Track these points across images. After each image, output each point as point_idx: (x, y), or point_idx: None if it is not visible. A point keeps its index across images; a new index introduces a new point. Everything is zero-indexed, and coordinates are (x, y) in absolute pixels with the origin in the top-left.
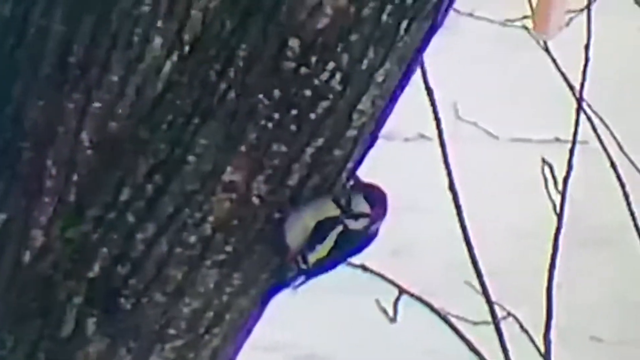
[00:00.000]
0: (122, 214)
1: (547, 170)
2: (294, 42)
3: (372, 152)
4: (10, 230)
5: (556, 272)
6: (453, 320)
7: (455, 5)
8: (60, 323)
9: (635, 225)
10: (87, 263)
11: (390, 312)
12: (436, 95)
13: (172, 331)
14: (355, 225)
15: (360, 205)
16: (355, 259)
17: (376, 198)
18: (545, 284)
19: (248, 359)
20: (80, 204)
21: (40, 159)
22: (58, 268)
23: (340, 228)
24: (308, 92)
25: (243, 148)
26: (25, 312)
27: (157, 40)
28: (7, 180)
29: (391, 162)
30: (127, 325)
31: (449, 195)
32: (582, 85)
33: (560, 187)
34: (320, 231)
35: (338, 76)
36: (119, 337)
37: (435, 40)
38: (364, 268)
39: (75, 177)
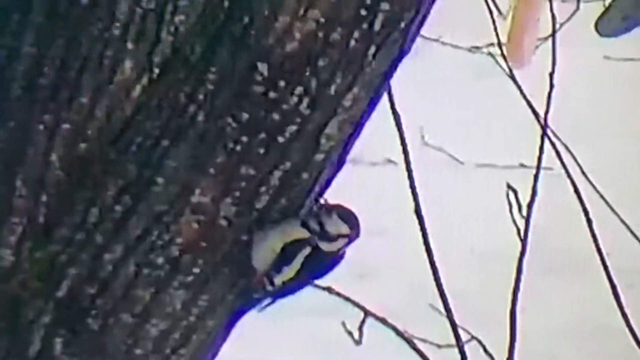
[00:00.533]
0: (91, 234)
1: (511, 195)
2: (262, 67)
3: (339, 176)
4: None
5: (520, 296)
6: (418, 343)
7: (422, 31)
8: (27, 343)
9: (599, 250)
10: (56, 283)
11: (356, 335)
12: (403, 120)
13: (139, 351)
14: (329, 247)
15: (338, 225)
16: (321, 282)
17: (350, 219)
18: (509, 308)
19: None
20: (49, 224)
21: (9, 179)
22: (26, 287)
23: (307, 250)
24: (276, 116)
25: (212, 170)
26: None
27: (127, 63)
28: None
29: (358, 186)
30: (95, 346)
31: (415, 219)
32: (546, 112)
33: (524, 212)
34: (287, 253)
35: (306, 101)
36: (86, 357)
37: (402, 65)
38: (329, 290)
39: (44, 198)
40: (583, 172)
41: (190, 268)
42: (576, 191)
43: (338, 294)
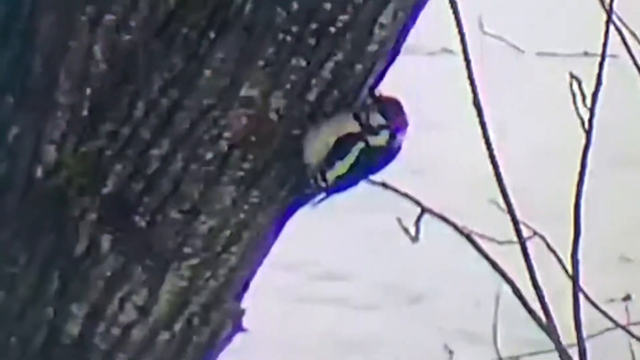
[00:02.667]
0: (137, 129)
1: (575, 85)
2: None
3: (394, 67)
4: (22, 145)
5: (584, 191)
6: (477, 239)
7: None
8: (74, 240)
9: None
10: (101, 179)
11: (412, 231)
12: (460, 7)
13: (188, 250)
14: (376, 141)
15: (379, 119)
16: (376, 177)
17: (391, 109)
18: (572, 203)
19: (267, 279)
20: (94, 118)
21: (52, 72)
22: (71, 184)
23: (361, 144)
24: (328, 5)
25: (261, 62)
26: (39, 228)
27: None
28: (17, 94)
29: (413, 77)
30: (143, 243)
31: (474, 111)
32: None
33: (588, 102)
34: (340, 147)
35: None
36: (134, 255)
37: None
38: (384, 186)
39: (88, 92)
40: None
41: (240, 163)
42: None
43: (394, 190)
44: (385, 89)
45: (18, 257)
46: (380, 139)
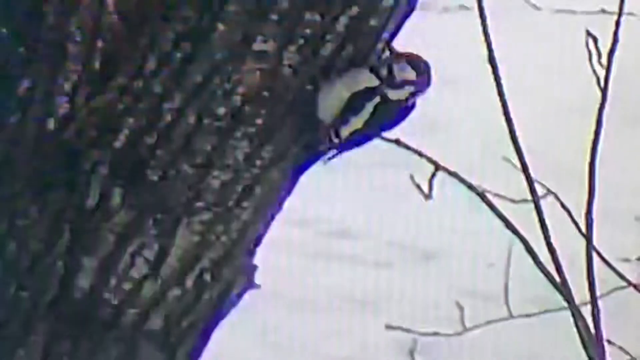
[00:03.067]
0: (149, 82)
1: (591, 43)
2: None
3: (409, 23)
4: (34, 97)
5: (599, 149)
6: (491, 197)
7: None
8: (85, 193)
9: None
10: (113, 132)
11: (425, 189)
12: None
13: (200, 204)
14: (396, 94)
15: (405, 71)
16: (390, 134)
17: (419, 66)
18: (587, 162)
19: (279, 234)
20: (106, 71)
21: (63, 24)
22: (83, 137)
23: (376, 99)
24: None
25: (274, 16)
26: (49, 181)
27: None
28: (29, 46)
29: (428, 33)
30: (154, 197)
31: (489, 68)
32: None
33: (605, 60)
34: (354, 103)
35: None
36: (146, 209)
37: None
38: (398, 142)
39: (100, 44)
40: None
41: (252, 118)
42: None
43: (407, 147)
44: (399, 44)
45: (29, 210)
46: (400, 93)
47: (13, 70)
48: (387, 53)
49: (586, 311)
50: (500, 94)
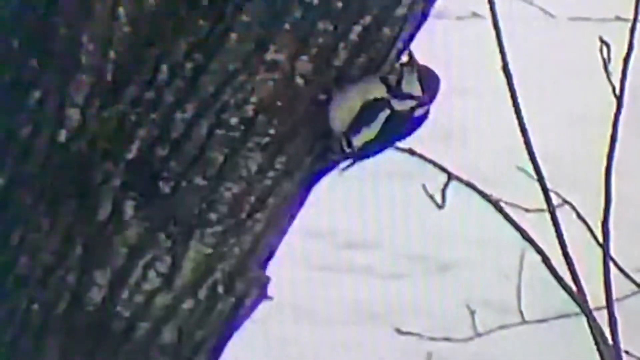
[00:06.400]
0: (161, 93)
1: (605, 50)
2: None
3: (422, 31)
4: (45, 108)
5: (615, 158)
6: (505, 207)
7: None
8: (97, 206)
9: None
10: (125, 144)
11: (439, 199)
12: None
13: (212, 216)
14: (400, 105)
15: (412, 85)
16: (403, 143)
17: (430, 81)
18: (603, 171)
19: (292, 246)
20: (118, 82)
21: (76, 35)
22: (95, 148)
23: (388, 111)
24: None
25: (287, 26)
26: (61, 194)
27: None
28: (41, 57)
29: (442, 42)
30: (166, 210)
31: (503, 77)
32: None
33: (620, 68)
34: (367, 113)
35: None
36: (158, 221)
37: None
38: (411, 152)
39: (112, 55)
40: None
41: (265, 129)
42: None
43: (421, 156)
44: (413, 53)
45: (41, 222)
46: (404, 105)
47: (24, 82)
48: (405, 60)
49: (599, 317)
50: (515, 102)
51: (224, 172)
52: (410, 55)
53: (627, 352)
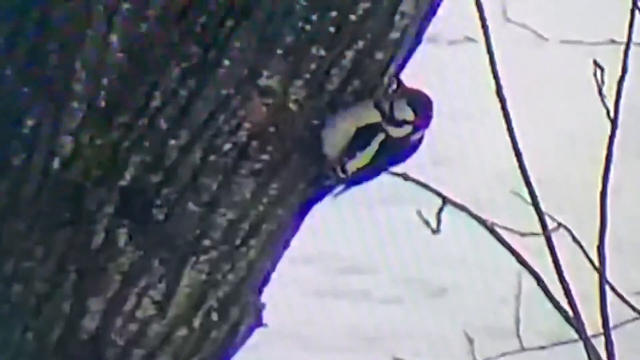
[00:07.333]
0: (154, 120)
1: (598, 73)
2: None
3: (416, 56)
4: (39, 136)
5: (610, 181)
6: (500, 231)
7: None
8: (90, 233)
9: None
10: (119, 171)
11: (433, 223)
12: None
13: (206, 242)
14: (396, 132)
15: (404, 111)
16: (397, 168)
17: (421, 104)
18: (598, 194)
19: (287, 272)
20: (111, 109)
21: (68, 62)
22: (88, 176)
23: (382, 135)
24: None
25: (280, 51)
26: (55, 221)
27: None
28: (34, 84)
29: (435, 66)
30: (160, 237)
31: (497, 101)
32: None
33: (614, 90)
34: (360, 138)
35: None
36: (152, 248)
37: None
38: (405, 177)
39: (105, 82)
40: None
41: (259, 154)
42: None
43: (415, 181)
44: (406, 78)
45: (34, 250)
46: (400, 131)
47: (18, 110)
48: (394, 87)
49: (597, 344)
50: (509, 126)
51: (217, 198)
52: (399, 81)
53: None
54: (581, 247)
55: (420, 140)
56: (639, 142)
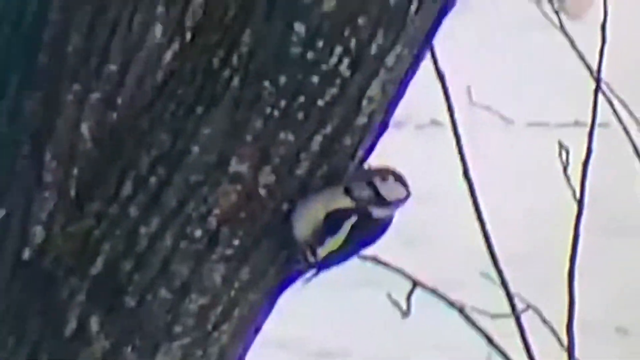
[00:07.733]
0: (125, 207)
1: (564, 154)
2: (299, 27)
3: (383, 140)
4: (10, 226)
5: (578, 261)
6: (471, 313)
7: None
8: (62, 322)
9: None
10: (90, 259)
11: (404, 306)
12: (448, 79)
13: (178, 329)
14: (383, 212)
15: (394, 190)
16: (367, 250)
17: (403, 181)
18: (566, 273)
19: (259, 356)
20: (81, 198)
21: (39, 152)
22: (60, 265)
23: (354, 219)
24: (315, 78)
25: (249, 137)
26: (27, 310)
27: (158, 28)
28: (6, 174)
29: (403, 149)
30: (132, 323)
31: (464, 183)
32: (599, 65)
33: (579, 171)
34: (331, 223)
35: (346, 61)
36: (124, 335)
37: (446, 22)
38: (375, 260)
39: (75, 171)
40: None
41: (229, 240)
42: (635, 148)
43: (385, 264)
44: (375, 161)
45: (7, 340)
46: (388, 211)
47: None
48: (369, 172)
49: None
50: (477, 207)
51: (189, 284)
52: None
53: None
54: (551, 328)
55: (390, 222)
56: (606, 222)
